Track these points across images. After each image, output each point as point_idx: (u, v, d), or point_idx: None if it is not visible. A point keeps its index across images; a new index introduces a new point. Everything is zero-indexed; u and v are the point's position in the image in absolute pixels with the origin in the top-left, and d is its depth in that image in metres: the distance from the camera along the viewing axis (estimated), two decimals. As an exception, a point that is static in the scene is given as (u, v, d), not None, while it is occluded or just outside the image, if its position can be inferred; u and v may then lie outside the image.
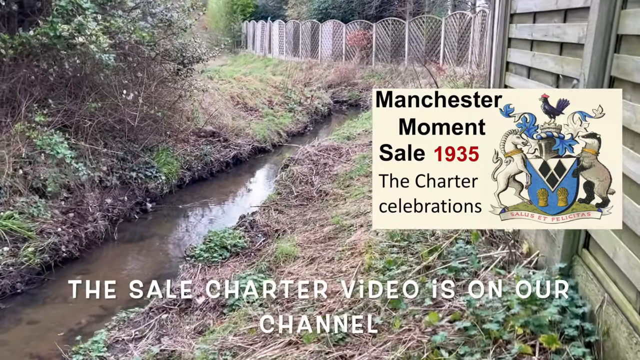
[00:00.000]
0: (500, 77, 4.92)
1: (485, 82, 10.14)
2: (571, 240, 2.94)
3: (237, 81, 16.32)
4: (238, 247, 5.76)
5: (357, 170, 8.65)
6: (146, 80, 7.73)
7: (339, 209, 6.71)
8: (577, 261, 2.92)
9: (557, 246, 3.04)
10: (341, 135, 12.59)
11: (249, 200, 9.53)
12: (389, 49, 22.26)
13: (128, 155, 8.80)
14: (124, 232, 7.85)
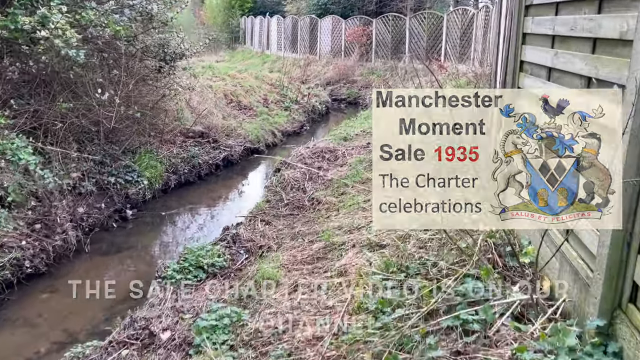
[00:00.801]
0: (512, 78, 4.26)
1: (491, 82, 9.48)
2: (613, 290, 2.29)
3: (232, 78, 15.65)
4: (216, 267, 5.11)
5: (352, 175, 7.99)
6: (124, 78, 7.07)
7: (331, 222, 6.06)
8: (620, 318, 2.27)
9: (592, 295, 2.39)
10: (338, 135, 11.92)
11: (237, 205, 8.88)
12: (389, 45, 21.56)
13: (107, 158, 8.14)
14: (99, 243, 7.21)
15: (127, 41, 7.26)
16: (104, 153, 8.14)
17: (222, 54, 30.01)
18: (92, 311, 5.52)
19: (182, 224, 8.11)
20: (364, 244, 4.55)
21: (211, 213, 8.59)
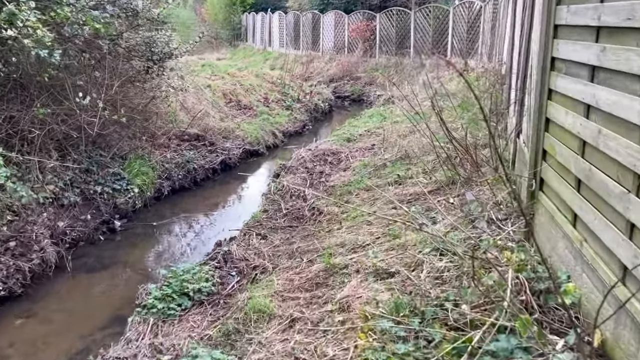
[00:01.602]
0: (541, 79, 3.63)
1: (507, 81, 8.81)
2: None
3: (231, 77, 15.03)
4: (203, 293, 4.51)
5: (356, 182, 7.37)
6: (108, 80, 6.47)
7: (333, 237, 5.45)
8: None
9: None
10: (341, 136, 11.30)
11: (234, 213, 8.29)
12: (394, 40, 20.86)
13: (93, 166, 7.56)
14: (85, 258, 6.63)
15: (111, 40, 6.66)
16: (90, 160, 7.57)
17: (223, 51, 29.40)
18: (68, 341, 4.95)
19: (174, 235, 7.52)
20: (369, 271, 3.94)
21: (206, 222, 7.99)
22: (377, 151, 9.29)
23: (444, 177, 6.06)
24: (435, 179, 6.16)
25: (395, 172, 7.21)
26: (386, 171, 7.42)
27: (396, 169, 7.35)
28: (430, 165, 6.99)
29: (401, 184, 6.71)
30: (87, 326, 5.22)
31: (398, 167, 7.38)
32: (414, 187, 6.21)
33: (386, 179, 7.10)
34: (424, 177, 6.62)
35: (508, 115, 7.46)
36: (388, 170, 7.41)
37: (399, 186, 6.64)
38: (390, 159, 7.94)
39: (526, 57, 5.62)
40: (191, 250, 6.81)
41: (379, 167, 7.78)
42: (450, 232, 4.08)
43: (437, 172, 6.71)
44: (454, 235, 3.96)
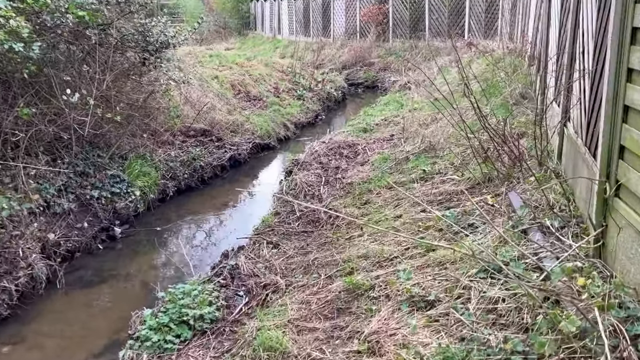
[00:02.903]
0: (617, 56, 2.85)
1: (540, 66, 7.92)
2: None
3: (240, 67, 14.29)
4: (206, 321, 3.83)
5: (377, 179, 6.64)
6: (99, 74, 5.79)
7: (354, 246, 4.73)
8: None
9: None
10: (356, 126, 10.54)
11: (244, 214, 7.62)
12: (408, 23, 19.92)
13: (90, 168, 6.91)
14: (80, 272, 6.01)
15: (102, 29, 5.97)
16: (87, 162, 6.92)
17: (232, 41, 28.64)
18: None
19: (179, 241, 6.86)
20: (401, 297, 3.22)
21: (213, 225, 7.33)
22: (397, 142, 8.53)
23: (478, 172, 5.31)
24: (469, 175, 5.39)
25: (419, 166, 6.46)
26: (409, 165, 6.67)
27: (421, 162, 6.60)
28: (460, 158, 6.23)
29: (427, 181, 5.96)
30: (80, 353, 4.60)
31: (423, 161, 6.63)
32: (444, 185, 5.47)
33: (410, 174, 6.36)
34: (454, 172, 5.86)
35: (544, 100, 6.64)
36: (411, 165, 6.66)
37: (426, 183, 5.89)
38: (412, 152, 7.18)
39: (573, 35, 4.82)
40: (196, 259, 6.15)
41: (400, 161, 7.03)
42: (499, 247, 3.35)
43: (468, 166, 5.95)
44: (505, 252, 3.22)
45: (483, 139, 5.63)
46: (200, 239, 6.88)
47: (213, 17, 30.24)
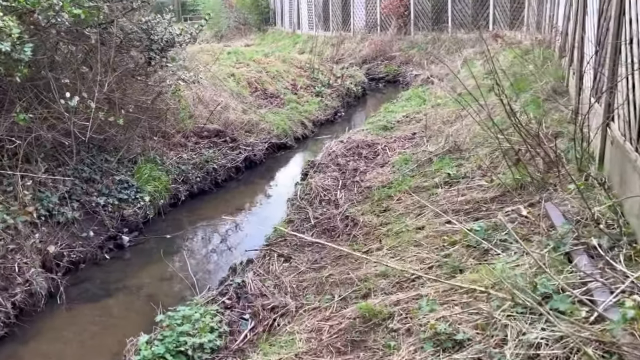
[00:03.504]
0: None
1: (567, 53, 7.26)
2: None
3: (257, 63, 13.88)
4: (205, 351, 3.44)
5: (397, 182, 6.16)
6: (102, 76, 5.43)
7: (372, 261, 4.28)
8: None
9: None
10: (376, 124, 10.04)
11: (258, 219, 7.22)
12: (430, 15, 19.24)
13: (96, 174, 6.59)
14: (85, 284, 5.68)
15: (104, 29, 5.61)
16: (93, 168, 6.60)
17: (252, 37, 28.27)
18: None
19: (189, 249, 6.50)
20: (425, 334, 2.76)
21: (226, 232, 6.93)
22: (419, 141, 8.02)
23: (509, 178, 4.78)
24: (498, 180, 4.87)
25: (443, 169, 5.95)
26: (432, 168, 6.17)
27: (445, 165, 6.09)
28: (488, 160, 5.71)
29: (452, 186, 5.46)
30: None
31: (447, 163, 6.12)
32: (471, 192, 4.96)
33: (433, 178, 5.86)
34: (481, 176, 5.34)
35: (580, 96, 6.06)
36: (435, 167, 6.16)
37: (450, 188, 5.39)
38: (436, 153, 6.67)
39: (618, 22, 4.25)
40: (205, 271, 5.78)
41: (423, 163, 6.53)
42: (539, 274, 2.85)
43: (497, 170, 5.43)
44: (546, 281, 2.73)
45: (513, 139, 5.10)
46: (211, 247, 6.50)
47: (233, 14, 29.91)
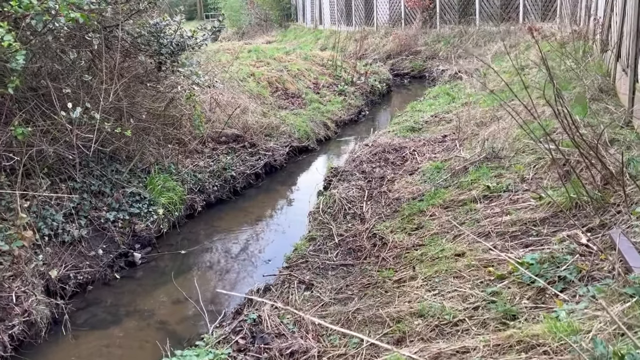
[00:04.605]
0: None
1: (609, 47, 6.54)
2: None
3: (278, 62, 13.36)
4: (214, 409, 2.94)
5: (429, 194, 5.55)
6: (107, 84, 4.97)
7: (404, 294, 3.71)
8: None
9: None
10: (403, 124, 9.43)
11: (280, 230, 6.72)
12: (456, 7, 18.42)
13: (106, 186, 6.16)
14: (92, 308, 5.23)
15: (109, 32, 5.14)
16: (102, 180, 6.17)
17: (273, 33, 27.77)
18: None
19: (205, 266, 6.02)
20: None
21: (244, 246, 6.44)
22: (450, 145, 7.38)
23: (561, 194, 4.14)
24: (548, 198, 4.23)
25: (481, 180, 5.33)
26: (468, 179, 5.54)
27: (482, 175, 5.46)
28: (532, 171, 5.06)
29: (493, 201, 4.83)
30: None
31: (485, 173, 5.49)
32: (517, 211, 4.33)
33: (470, 191, 5.24)
34: (525, 190, 4.70)
35: (635, 95, 5.36)
36: (471, 178, 5.53)
37: (491, 204, 4.77)
38: (471, 160, 6.03)
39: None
40: (220, 295, 5.28)
41: (457, 172, 5.91)
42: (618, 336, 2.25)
43: (543, 182, 4.78)
44: (629, 349, 2.13)
45: (564, 149, 4.46)
46: (227, 266, 6.00)
47: (254, 10, 29.45)
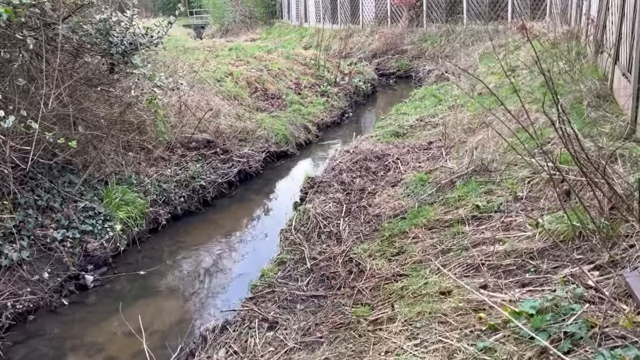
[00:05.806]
0: None
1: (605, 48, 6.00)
2: None
3: (258, 60, 12.71)
4: None
5: (412, 212, 4.97)
6: (47, 88, 4.32)
7: (381, 341, 3.12)
8: None
9: None
10: (387, 129, 8.84)
11: (252, 246, 6.11)
12: (443, 5, 17.88)
13: (56, 200, 5.51)
14: (32, 341, 4.58)
15: (52, 29, 4.48)
16: (52, 193, 5.51)
17: (258, 31, 27.05)
18: None
19: (165, 290, 5.39)
20: None
21: (211, 264, 5.82)
22: (436, 153, 6.81)
23: (561, 220, 3.58)
24: (547, 225, 3.66)
25: (469, 197, 4.76)
26: (455, 195, 4.96)
27: (471, 191, 4.89)
28: (526, 188, 4.49)
29: (483, 223, 4.26)
30: None
31: (473, 188, 4.92)
32: (510, 239, 3.76)
33: (457, 209, 4.66)
34: (519, 211, 4.14)
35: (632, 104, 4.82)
36: (458, 194, 4.95)
37: (480, 227, 4.20)
38: (458, 173, 5.46)
39: None
40: (177, 326, 4.65)
41: (443, 186, 5.33)
42: None
43: (539, 202, 4.22)
44: None
45: (563, 167, 3.90)
46: (189, 289, 5.36)
47: (238, 7, 28.70)
